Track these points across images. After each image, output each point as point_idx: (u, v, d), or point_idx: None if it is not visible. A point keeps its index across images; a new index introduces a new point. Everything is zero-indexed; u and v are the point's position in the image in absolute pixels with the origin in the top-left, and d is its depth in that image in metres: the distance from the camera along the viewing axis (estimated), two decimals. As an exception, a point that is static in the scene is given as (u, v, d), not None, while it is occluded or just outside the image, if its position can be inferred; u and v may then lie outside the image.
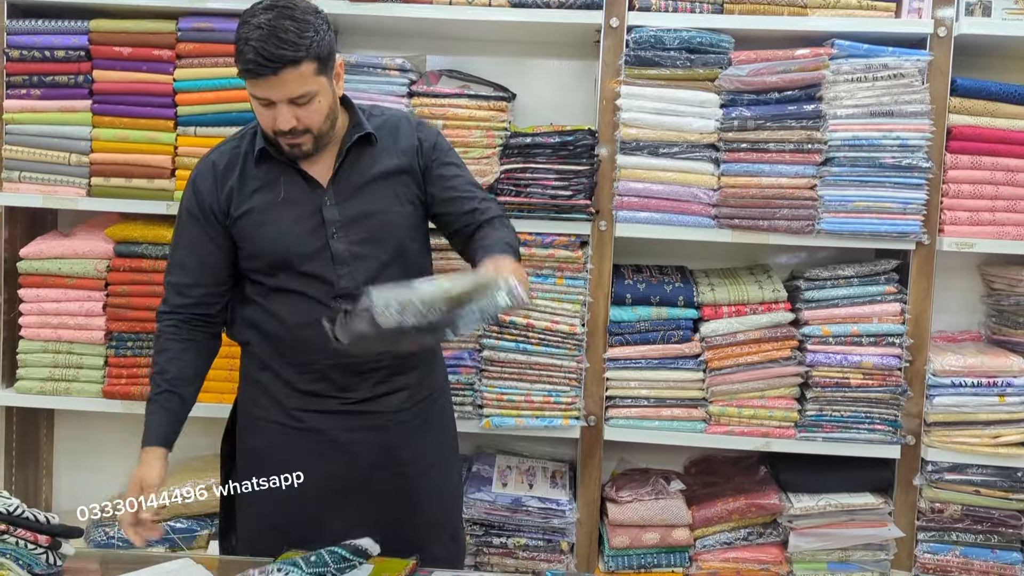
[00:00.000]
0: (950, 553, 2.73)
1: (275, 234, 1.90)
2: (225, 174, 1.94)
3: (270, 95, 1.78)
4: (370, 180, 1.94)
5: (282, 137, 1.84)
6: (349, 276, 1.90)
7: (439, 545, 2.06)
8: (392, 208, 1.95)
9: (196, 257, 1.97)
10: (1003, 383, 2.66)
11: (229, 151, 1.97)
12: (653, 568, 2.74)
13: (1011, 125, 2.66)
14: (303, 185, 1.91)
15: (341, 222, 1.90)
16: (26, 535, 1.70)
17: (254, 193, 1.92)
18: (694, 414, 2.73)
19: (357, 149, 1.93)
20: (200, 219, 1.95)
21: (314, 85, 1.79)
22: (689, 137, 2.65)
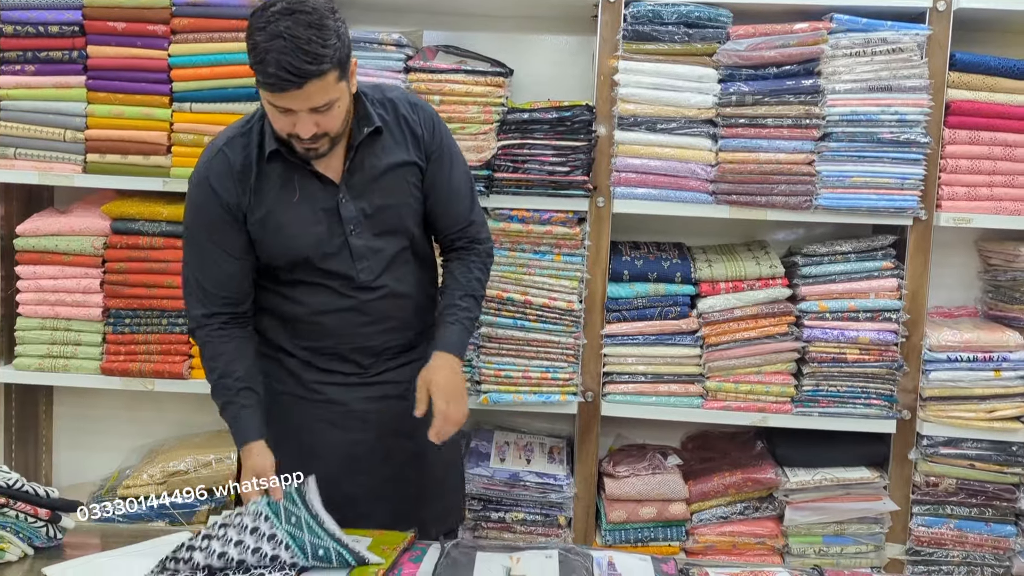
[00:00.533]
0: (944, 526, 2.75)
1: (294, 236, 1.88)
2: (244, 174, 1.87)
3: (292, 106, 1.71)
4: (381, 173, 1.92)
5: (298, 142, 1.79)
6: (368, 270, 1.92)
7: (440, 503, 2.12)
8: (404, 200, 1.95)
9: (215, 269, 1.91)
10: (999, 358, 2.67)
11: (241, 148, 1.88)
12: (650, 542, 2.76)
13: (1010, 100, 2.65)
14: (317, 184, 1.88)
15: (358, 218, 1.90)
16: (26, 508, 1.71)
17: (270, 194, 1.88)
18: (691, 390, 2.75)
19: (366, 141, 1.90)
20: (222, 216, 1.87)
21: (336, 92, 1.73)
22: (687, 112, 2.64)
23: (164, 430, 3.14)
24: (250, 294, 1.97)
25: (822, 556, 2.75)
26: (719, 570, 1.71)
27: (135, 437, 3.15)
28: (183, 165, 2.77)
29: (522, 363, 2.74)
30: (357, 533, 1.81)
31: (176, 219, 2.80)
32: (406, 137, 1.95)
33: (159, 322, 2.83)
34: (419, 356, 2.02)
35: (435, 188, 1.99)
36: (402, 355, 2.02)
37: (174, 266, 2.80)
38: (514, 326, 2.71)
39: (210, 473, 2.80)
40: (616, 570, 1.68)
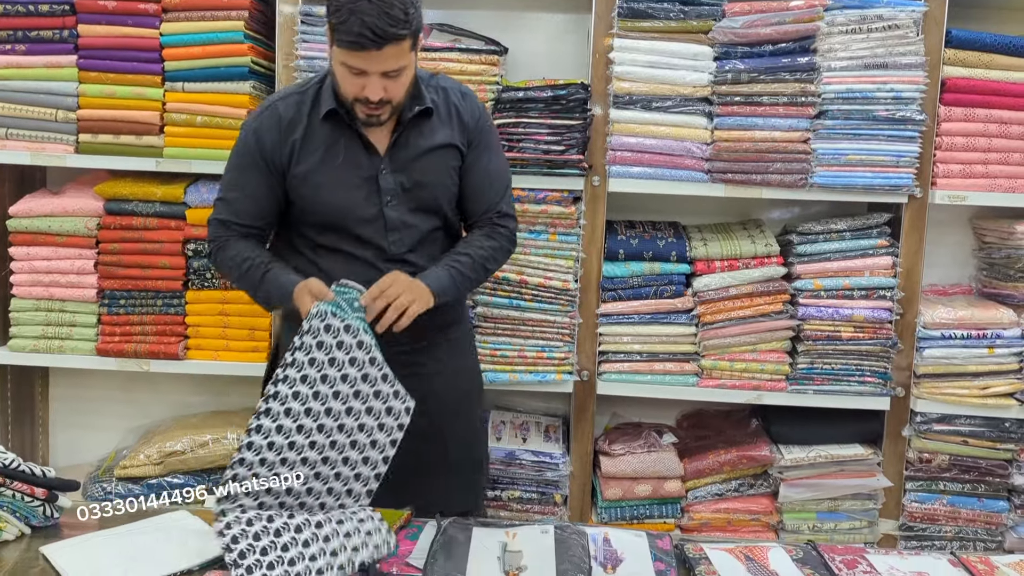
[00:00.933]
0: (937, 502, 2.77)
1: (332, 196, 1.94)
2: (290, 128, 1.95)
3: (366, 67, 1.79)
4: (424, 152, 1.98)
5: (363, 105, 1.85)
6: (399, 242, 1.98)
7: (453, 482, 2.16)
8: (442, 181, 2.02)
9: (249, 193, 2.01)
10: (993, 335, 2.68)
11: (293, 106, 1.97)
12: (645, 519, 2.78)
13: (1005, 77, 2.65)
14: (362, 151, 1.95)
15: (395, 191, 1.96)
16: (23, 488, 1.71)
17: (315, 152, 1.94)
18: (686, 368, 2.75)
19: (415, 119, 1.96)
20: (260, 165, 1.97)
21: (406, 60, 1.82)
22: (682, 91, 2.63)
23: (160, 411, 3.15)
24: (267, 228, 2.05)
25: (816, 532, 2.77)
26: (714, 546, 1.72)
27: (132, 418, 3.15)
28: (176, 145, 2.76)
29: (518, 343, 2.74)
30: (354, 511, 1.82)
31: (169, 200, 2.79)
32: (453, 122, 2.02)
33: (154, 303, 2.82)
34: (443, 339, 2.09)
35: (472, 173, 2.06)
36: (426, 336, 2.03)
37: (168, 247, 2.80)
38: (510, 306, 2.72)
39: (207, 453, 2.81)
40: (612, 546, 1.69)
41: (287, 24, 2.72)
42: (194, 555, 1.62)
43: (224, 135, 2.74)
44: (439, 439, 2.11)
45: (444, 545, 1.63)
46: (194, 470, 2.82)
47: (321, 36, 2.69)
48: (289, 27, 2.72)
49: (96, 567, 1.57)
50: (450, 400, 2.14)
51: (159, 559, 1.60)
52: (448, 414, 2.13)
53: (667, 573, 1.59)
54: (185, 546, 1.66)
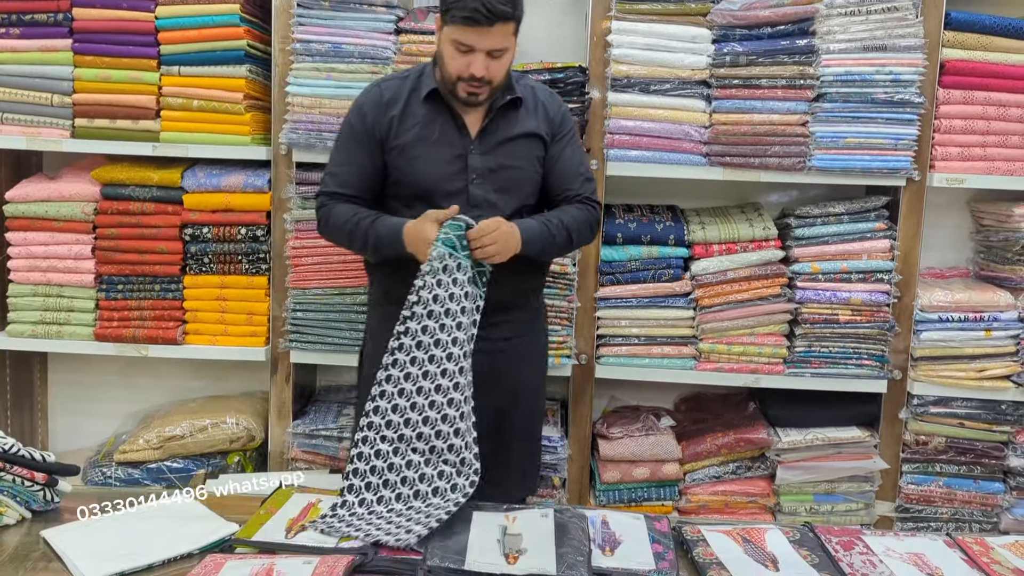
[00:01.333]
0: (933, 484, 2.79)
1: (424, 168, 2.10)
2: (389, 105, 2.12)
3: (475, 43, 1.96)
4: (511, 138, 2.14)
5: (466, 83, 2.01)
6: (481, 219, 2.04)
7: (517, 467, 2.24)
8: (525, 166, 2.16)
9: (354, 166, 2.15)
10: (990, 318, 2.69)
11: (395, 86, 2.16)
12: (643, 502, 2.80)
13: (1004, 59, 2.64)
14: (456, 131, 2.11)
15: (481, 170, 2.10)
16: (23, 472, 1.72)
17: (412, 128, 2.10)
18: (684, 352, 2.76)
19: (505, 109, 2.13)
20: (363, 139, 2.14)
21: (509, 42, 2.01)
22: (680, 74, 2.62)
23: (159, 396, 3.15)
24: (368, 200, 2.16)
25: (813, 514, 2.79)
26: (711, 528, 1.73)
27: (131, 403, 3.16)
28: (172, 129, 2.75)
29: (516, 326, 2.74)
30: (353, 495, 1.83)
31: (165, 184, 2.78)
32: (539, 115, 2.18)
33: (152, 288, 2.82)
34: (513, 319, 2.18)
35: (560, 161, 2.20)
36: (497, 313, 2.09)
37: (166, 231, 2.79)
38: (508, 289, 2.72)
39: (206, 438, 2.82)
40: (610, 529, 1.70)
41: (283, 7, 2.70)
42: (194, 539, 1.63)
43: (220, 119, 2.73)
44: (505, 420, 2.17)
45: (445, 527, 1.64)
46: (193, 454, 2.83)
47: (316, 19, 2.67)
48: (285, 10, 2.70)
49: (97, 551, 1.58)
50: (516, 383, 2.17)
51: (159, 543, 1.61)
52: (513, 395, 2.18)
53: (665, 555, 1.60)
54: (185, 530, 1.66)
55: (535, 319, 2.30)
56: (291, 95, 2.69)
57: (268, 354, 2.83)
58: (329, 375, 3.19)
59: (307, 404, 3.02)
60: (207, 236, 2.78)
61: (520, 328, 2.22)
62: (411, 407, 1.85)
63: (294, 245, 2.75)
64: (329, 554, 1.55)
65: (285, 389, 2.86)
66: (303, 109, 2.68)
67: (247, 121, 2.73)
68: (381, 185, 2.17)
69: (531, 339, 2.28)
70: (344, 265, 2.75)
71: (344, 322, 2.77)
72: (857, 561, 1.60)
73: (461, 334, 1.88)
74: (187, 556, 1.59)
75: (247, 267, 2.81)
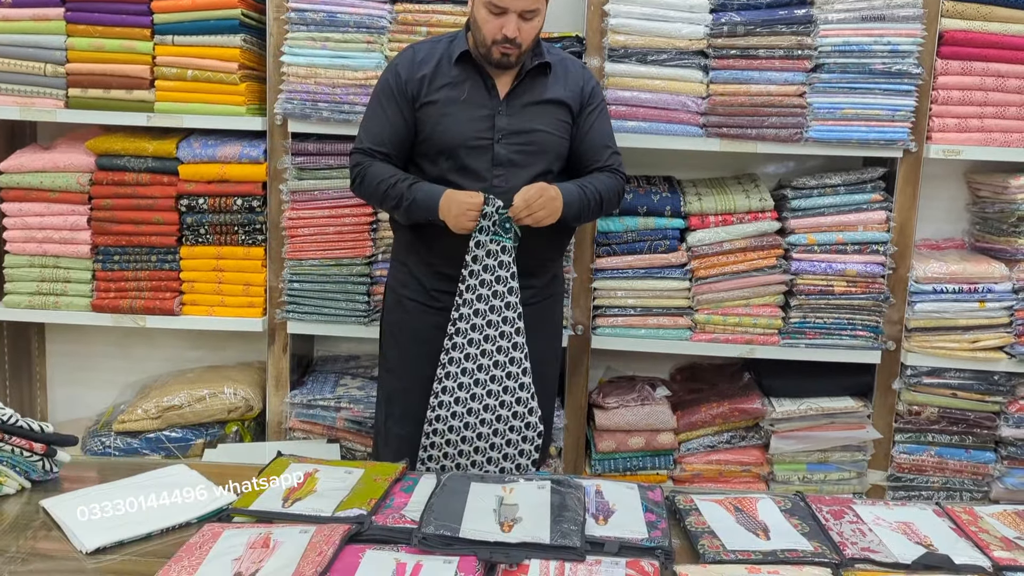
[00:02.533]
0: (925, 453, 2.82)
1: (452, 125, 2.16)
2: (422, 64, 2.20)
3: (508, 5, 2.05)
4: (539, 102, 2.20)
5: (499, 45, 2.09)
6: (503, 179, 2.15)
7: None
8: (550, 131, 2.21)
9: (387, 123, 2.22)
10: (984, 289, 2.70)
11: (428, 48, 2.24)
12: (639, 471, 2.83)
13: (1004, 29, 2.62)
14: (485, 92, 2.18)
15: (507, 131, 2.17)
16: (22, 443, 1.73)
17: (443, 88, 2.18)
18: (680, 322, 2.77)
19: (534, 73, 2.20)
20: (396, 96, 2.20)
21: (540, 4, 2.10)
22: (678, 44, 2.60)
23: (157, 366, 3.17)
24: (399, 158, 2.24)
25: (806, 483, 2.82)
26: (704, 496, 1.75)
27: (128, 373, 3.17)
28: (167, 100, 2.74)
29: (512, 297, 2.75)
30: (350, 465, 1.85)
31: (161, 155, 2.77)
32: (568, 83, 2.24)
33: (148, 259, 2.82)
34: (535, 286, 2.25)
35: (590, 131, 2.26)
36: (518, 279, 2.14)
37: (161, 202, 2.79)
38: (504, 261, 2.72)
39: (204, 408, 2.83)
40: (604, 498, 1.71)
41: (277, -25, 2.68)
42: (192, 508, 1.65)
43: (215, 89, 2.72)
44: None
45: (442, 498, 1.66)
46: (192, 424, 2.85)
47: (312, -12, 2.65)
48: (279, -22, 2.68)
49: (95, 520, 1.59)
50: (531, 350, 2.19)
51: (158, 512, 1.63)
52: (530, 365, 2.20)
53: (657, 524, 1.62)
54: (183, 499, 1.68)
55: (552, 285, 2.34)
56: (286, 65, 2.67)
57: (265, 324, 2.84)
58: (326, 345, 3.20)
59: (304, 374, 3.04)
60: (203, 207, 2.78)
61: (537, 293, 2.27)
62: (475, 383, 2.12)
63: (290, 216, 2.75)
64: (326, 523, 1.56)
65: (282, 359, 2.87)
66: (298, 79, 2.67)
67: (242, 91, 2.72)
68: (411, 143, 2.23)
69: (549, 305, 2.33)
70: (340, 236, 2.75)
71: (340, 292, 2.78)
72: (847, 530, 1.62)
73: (510, 312, 2.11)
74: (185, 525, 1.60)
75: (243, 238, 2.81)
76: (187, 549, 1.48)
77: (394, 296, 2.33)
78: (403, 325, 2.30)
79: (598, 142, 2.27)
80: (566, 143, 2.25)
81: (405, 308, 2.29)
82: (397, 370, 2.32)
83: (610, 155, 2.29)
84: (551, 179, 2.21)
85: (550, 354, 2.37)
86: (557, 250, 2.34)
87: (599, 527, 1.60)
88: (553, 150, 2.23)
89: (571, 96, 2.24)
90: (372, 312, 2.78)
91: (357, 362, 3.11)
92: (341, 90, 2.65)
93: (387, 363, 2.38)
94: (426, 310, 2.26)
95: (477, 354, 2.12)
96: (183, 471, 1.83)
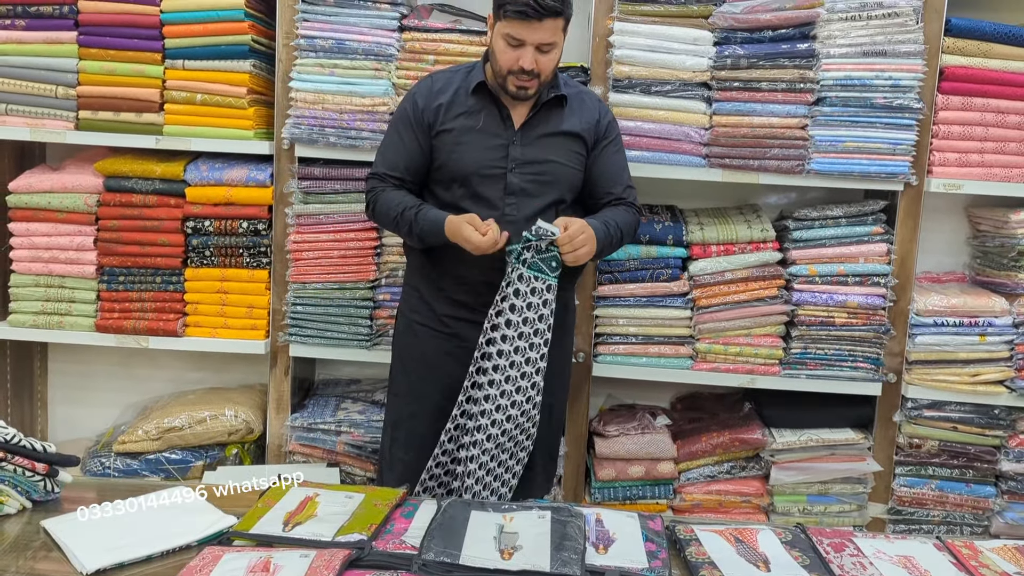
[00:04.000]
0: (926, 487, 2.81)
1: (466, 153, 2.19)
2: (439, 93, 2.23)
3: (526, 37, 2.06)
4: (553, 134, 2.23)
5: (516, 76, 2.10)
6: (515, 207, 2.18)
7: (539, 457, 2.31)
8: (563, 162, 2.23)
9: (403, 150, 2.25)
10: (984, 323, 2.71)
11: (446, 77, 2.27)
12: (638, 500, 2.82)
13: (1004, 66, 2.66)
14: (500, 122, 2.20)
15: (520, 160, 2.19)
16: (24, 463, 1.73)
17: (459, 116, 2.21)
18: (681, 351, 2.78)
19: (550, 105, 2.22)
20: (413, 124, 2.23)
21: (558, 38, 2.11)
22: (682, 75, 2.63)
23: (159, 387, 3.17)
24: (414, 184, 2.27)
25: (806, 515, 2.81)
26: (704, 527, 1.74)
27: (130, 394, 3.18)
28: (176, 123, 2.77)
29: (514, 324, 2.76)
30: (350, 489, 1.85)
31: (168, 177, 2.80)
32: (583, 116, 2.26)
33: (153, 280, 2.84)
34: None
35: (606, 163, 2.29)
36: None
37: (168, 224, 2.81)
38: (507, 287, 2.73)
39: (204, 430, 2.84)
40: (604, 527, 1.71)
41: (288, 3, 2.72)
42: (193, 531, 1.65)
43: (224, 113, 2.75)
44: None
45: (442, 525, 1.66)
46: (192, 446, 2.85)
47: (320, 16, 2.69)
48: (290, 6, 2.71)
49: (96, 541, 1.59)
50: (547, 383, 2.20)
51: (158, 534, 1.63)
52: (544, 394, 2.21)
53: (658, 554, 1.61)
54: (184, 522, 1.68)
55: (563, 315, 2.32)
56: (294, 90, 2.70)
57: (268, 347, 2.85)
58: (328, 369, 3.21)
59: (305, 397, 3.04)
60: (209, 229, 2.80)
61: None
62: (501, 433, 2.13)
63: (295, 239, 2.76)
64: (326, 548, 1.56)
65: (284, 382, 2.88)
66: (306, 104, 2.70)
67: (250, 115, 2.75)
68: (427, 169, 2.25)
69: (559, 336, 2.29)
70: (344, 259, 2.77)
71: (343, 316, 2.79)
72: (848, 563, 1.62)
73: (539, 360, 2.13)
74: (185, 548, 1.60)
75: (248, 260, 2.82)
76: (187, 572, 1.48)
77: (405, 321, 2.35)
78: (412, 350, 2.31)
79: (613, 175, 2.30)
80: (579, 175, 2.27)
81: (415, 333, 2.30)
82: (405, 396, 2.33)
83: (625, 188, 2.31)
84: (564, 209, 2.24)
85: (559, 385, 2.37)
86: (571, 281, 2.35)
87: (599, 556, 1.59)
88: (566, 181, 2.25)
89: (586, 129, 2.26)
90: (375, 336, 2.79)
91: (358, 386, 3.11)
92: (348, 116, 2.68)
93: (395, 388, 2.38)
94: (436, 335, 2.27)
95: (507, 405, 2.12)
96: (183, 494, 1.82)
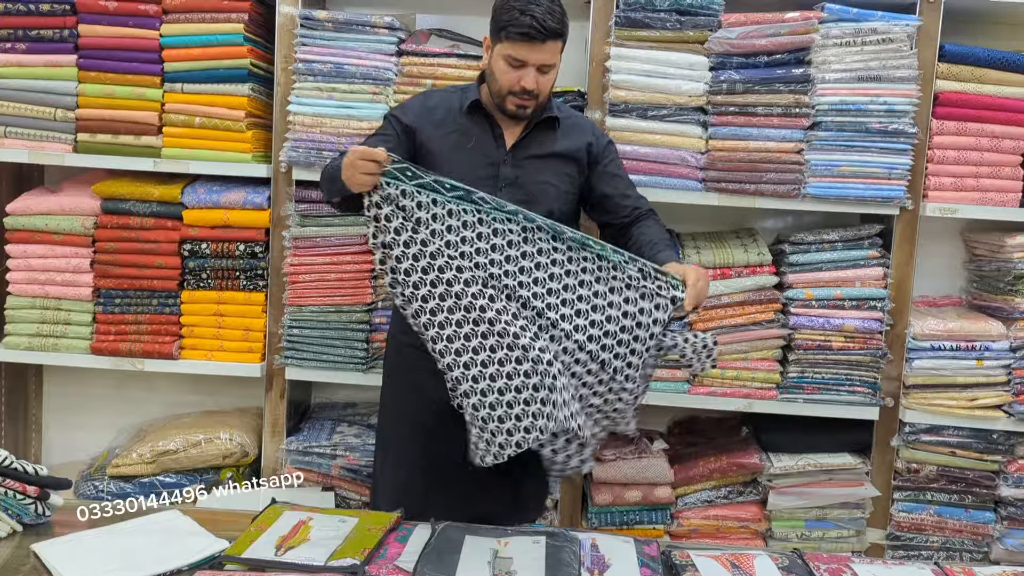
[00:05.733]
0: (924, 512, 2.79)
1: (455, 170, 2.14)
2: (433, 109, 2.24)
3: (528, 58, 2.08)
4: (544, 155, 2.23)
5: (516, 96, 2.12)
6: None
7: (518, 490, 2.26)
8: (555, 182, 2.24)
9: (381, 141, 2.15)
10: (981, 347, 2.70)
11: (441, 96, 2.29)
12: (635, 525, 2.80)
13: (998, 91, 2.67)
14: (492, 142, 2.21)
15: (510, 180, 2.19)
16: (15, 486, 1.73)
17: (451, 134, 2.21)
18: (678, 375, 2.77)
19: (542, 126, 2.23)
20: (399, 128, 2.22)
21: (557, 60, 2.14)
22: (678, 100, 2.65)
23: (154, 410, 3.16)
24: None
25: (804, 540, 2.79)
26: (700, 553, 1.73)
27: (125, 416, 3.16)
28: (174, 146, 2.78)
29: (511, 347, 2.75)
30: (344, 513, 1.84)
31: (166, 200, 2.80)
32: (574, 139, 2.27)
33: (149, 302, 2.84)
34: None
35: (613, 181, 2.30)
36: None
37: (164, 247, 2.81)
38: (503, 310, 2.73)
39: (199, 453, 2.82)
40: (599, 552, 1.70)
41: (286, 27, 2.74)
42: (184, 555, 1.63)
43: (222, 136, 2.76)
44: None
45: (436, 550, 1.65)
46: (187, 469, 2.83)
47: (319, 40, 2.71)
48: (288, 30, 2.73)
49: (87, 565, 1.58)
50: None
51: (149, 558, 1.62)
52: None
53: (653, 579, 1.60)
54: (175, 546, 1.67)
55: None
56: (292, 114, 2.71)
57: (263, 370, 2.84)
58: (324, 392, 3.20)
59: (301, 421, 3.03)
60: (206, 252, 2.80)
61: None
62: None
63: (292, 262, 2.76)
64: (318, 572, 1.55)
65: (279, 405, 2.87)
66: (304, 128, 2.71)
67: (248, 139, 2.76)
68: None
69: None
70: (341, 283, 2.77)
71: (340, 339, 2.78)
72: (844, 588, 1.61)
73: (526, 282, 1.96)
74: (177, 572, 1.59)
75: (245, 283, 2.82)
76: (177, 597, 1.47)
77: (395, 343, 2.34)
78: (401, 371, 2.30)
79: (623, 188, 2.32)
80: (571, 195, 2.27)
81: (403, 355, 2.29)
82: (394, 417, 2.32)
83: (637, 197, 2.33)
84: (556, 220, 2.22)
85: None
86: None
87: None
88: (556, 200, 2.24)
89: (578, 150, 2.26)
90: (371, 359, 2.78)
91: (354, 409, 3.10)
92: (346, 139, 2.69)
93: (385, 409, 2.37)
94: (423, 356, 2.24)
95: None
96: (175, 518, 1.81)
